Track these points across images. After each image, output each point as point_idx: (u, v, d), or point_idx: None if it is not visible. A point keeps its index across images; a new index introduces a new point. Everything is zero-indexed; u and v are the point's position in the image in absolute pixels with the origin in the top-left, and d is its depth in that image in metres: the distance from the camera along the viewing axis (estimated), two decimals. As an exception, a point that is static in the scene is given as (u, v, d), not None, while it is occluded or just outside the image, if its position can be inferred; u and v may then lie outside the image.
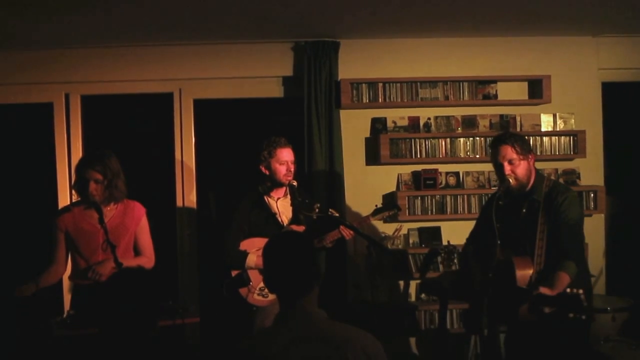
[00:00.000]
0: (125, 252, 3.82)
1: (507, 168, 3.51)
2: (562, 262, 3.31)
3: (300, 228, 4.04)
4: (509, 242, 3.52)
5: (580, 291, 2.88)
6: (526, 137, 4.91)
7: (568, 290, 2.91)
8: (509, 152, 3.51)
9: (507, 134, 3.68)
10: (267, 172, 4.06)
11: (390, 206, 4.46)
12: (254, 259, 3.91)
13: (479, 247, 3.76)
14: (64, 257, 3.87)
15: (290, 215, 4.14)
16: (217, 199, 5.46)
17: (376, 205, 4.45)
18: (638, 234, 5.50)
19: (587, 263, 3.57)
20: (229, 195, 4.19)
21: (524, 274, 3.35)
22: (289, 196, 4.10)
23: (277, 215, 4.09)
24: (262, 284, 3.90)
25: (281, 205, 4.13)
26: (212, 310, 4.59)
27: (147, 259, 3.95)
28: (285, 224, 4.08)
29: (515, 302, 3.24)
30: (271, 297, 3.91)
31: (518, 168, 3.51)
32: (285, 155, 4.04)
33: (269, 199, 4.12)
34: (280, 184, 4.07)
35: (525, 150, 3.55)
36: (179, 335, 3.53)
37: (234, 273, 3.97)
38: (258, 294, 3.94)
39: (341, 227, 4.08)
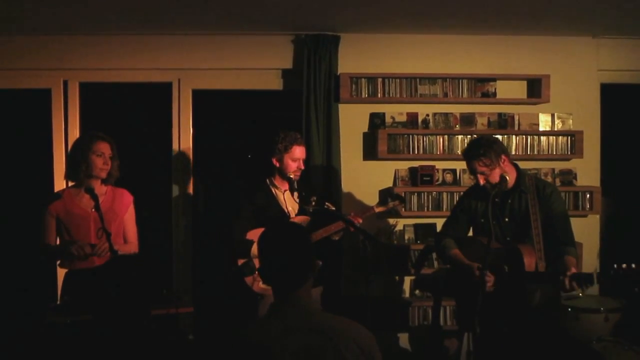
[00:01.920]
0: (115, 239, 3.82)
1: (481, 179, 3.70)
2: (564, 248, 3.57)
3: (306, 220, 4.07)
4: (500, 233, 3.75)
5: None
6: (523, 136, 4.97)
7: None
8: (478, 166, 3.67)
9: (473, 148, 3.74)
10: (278, 165, 4.10)
11: (394, 197, 4.46)
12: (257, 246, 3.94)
13: (460, 239, 3.95)
14: (54, 243, 3.87)
15: (296, 207, 4.17)
16: (209, 190, 5.47)
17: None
18: (632, 235, 5.51)
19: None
20: (223, 186, 4.20)
21: (530, 260, 3.55)
22: (294, 190, 4.15)
23: (285, 207, 4.13)
24: None
25: (288, 198, 4.17)
26: (206, 300, 4.59)
27: (133, 247, 3.99)
28: (292, 216, 4.13)
29: (529, 286, 3.55)
30: None
31: (491, 177, 3.69)
32: (299, 153, 4.08)
33: (277, 190, 4.16)
34: (287, 178, 4.10)
35: (494, 159, 3.66)
36: (173, 324, 3.54)
37: (240, 262, 3.98)
38: (263, 283, 3.96)
39: (348, 217, 4.11)
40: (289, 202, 4.17)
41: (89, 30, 5.02)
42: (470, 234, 4.06)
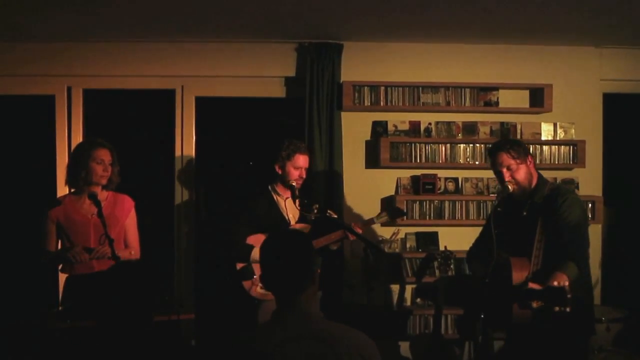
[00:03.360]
0: (116, 244, 3.82)
1: (507, 174, 3.53)
2: (562, 263, 3.26)
3: (306, 227, 4.09)
4: (509, 245, 3.51)
5: (566, 283, 2.91)
6: (526, 145, 4.96)
7: (555, 283, 2.93)
8: (505, 158, 3.53)
9: (502, 141, 3.71)
10: (280, 172, 4.12)
11: (397, 213, 4.49)
12: (259, 252, 3.95)
13: (481, 253, 3.77)
14: (54, 249, 3.88)
15: (297, 214, 4.19)
16: (210, 196, 5.47)
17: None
18: (634, 245, 5.51)
19: (589, 266, 3.51)
20: (225, 193, 4.22)
21: (520, 274, 3.33)
22: (296, 198, 4.17)
23: (285, 214, 4.15)
24: None
25: (289, 205, 4.19)
26: (207, 307, 4.59)
27: (134, 252, 3.99)
28: (292, 223, 4.15)
29: (509, 301, 3.24)
30: None
31: (517, 173, 3.53)
32: (302, 162, 4.10)
33: (278, 197, 4.18)
34: (289, 185, 4.12)
35: (522, 154, 3.57)
36: (174, 330, 3.54)
37: (239, 266, 4.00)
38: (261, 288, 3.97)
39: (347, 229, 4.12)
40: (290, 209, 4.19)
41: (93, 37, 5.04)
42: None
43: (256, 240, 4.01)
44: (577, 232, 3.41)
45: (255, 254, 3.96)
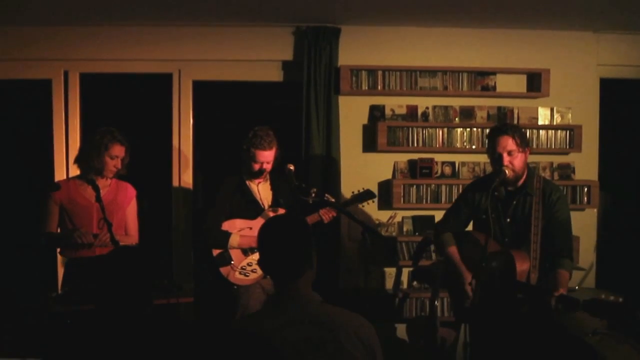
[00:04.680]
0: (117, 230, 3.87)
1: (507, 159, 3.51)
2: (560, 260, 3.41)
3: (281, 212, 4.11)
4: (500, 232, 3.58)
5: (620, 299, 2.99)
6: (523, 130, 4.97)
7: (612, 298, 3.00)
8: (510, 143, 3.51)
9: (507, 125, 3.68)
10: (246, 162, 4.12)
11: (366, 196, 4.45)
12: (237, 239, 4.00)
13: (458, 234, 3.84)
14: (55, 230, 3.90)
15: (270, 199, 4.21)
16: (207, 180, 5.48)
17: (352, 192, 4.46)
18: (629, 229, 5.55)
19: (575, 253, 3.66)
20: (221, 178, 4.23)
21: (522, 268, 3.40)
22: (269, 181, 4.21)
23: (258, 199, 4.16)
24: (243, 263, 4.00)
25: (262, 189, 4.20)
26: (205, 290, 4.62)
27: (133, 240, 4.06)
28: (265, 208, 4.14)
29: (517, 297, 3.35)
30: (253, 276, 4.00)
31: (516, 160, 3.52)
32: (262, 157, 4.06)
33: (250, 182, 4.18)
34: (255, 175, 4.12)
35: (524, 142, 3.57)
36: (173, 314, 3.57)
37: (215, 252, 4.01)
38: (240, 273, 4.00)
39: (321, 210, 4.13)
40: (263, 194, 4.19)
41: (90, 21, 5.02)
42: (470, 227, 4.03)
43: (230, 226, 4.04)
44: (567, 228, 3.55)
45: (234, 240, 3.98)
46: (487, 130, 3.84)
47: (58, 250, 4.03)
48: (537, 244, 3.46)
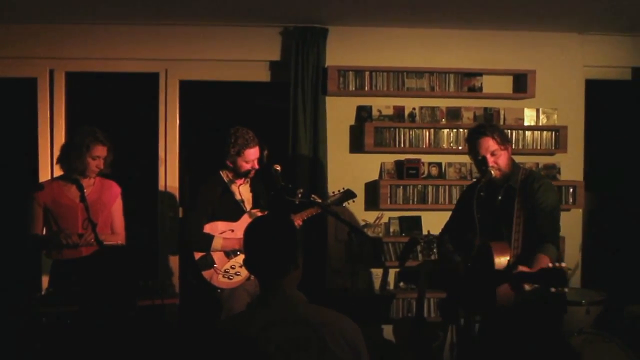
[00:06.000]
0: (102, 229, 3.84)
1: (491, 159, 3.51)
2: (542, 245, 3.32)
3: (262, 214, 4.09)
4: (487, 230, 3.53)
5: (564, 264, 2.90)
6: (508, 131, 5.00)
7: (550, 265, 2.94)
8: (491, 143, 3.50)
9: (484, 126, 3.67)
10: (231, 165, 4.07)
11: (347, 196, 4.41)
12: (220, 242, 3.96)
13: (456, 236, 3.80)
14: (40, 232, 3.87)
15: (251, 200, 4.20)
16: (193, 181, 5.45)
17: (333, 192, 4.45)
18: (614, 229, 5.59)
19: (560, 251, 3.58)
20: (209, 178, 4.20)
21: (502, 259, 3.32)
22: (249, 182, 4.18)
23: (240, 201, 4.13)
24: (227, 266, 3.97)
25: (243, 191, 4.17)
26: (191, 293, 4.60)
27: (120, 238, 4.01)
28: (247, 209, 4.12)
29: (493, 285, 3.24)
30: (236, 279, 3.98)
31: (500, 159, 3.52)
32: (252, 155, 4.04)
33: (232, 184, 4.15)
34: (243, 176, 4.10)
35: (505, 140, 3.57)
36: (158, 315, 3.55)
37: (197, 256, 3.99)
38: (223, 276, 3.97)
39: (293, 216, 4.10)
40: (245, 195, 4.17)
41: (76, 19, 4.98)
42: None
43: (213, 229, 4.00)
44: (553, 216, 3.46)
45: (217, 243, 3.95)
46: (471, 131, 3.80)
47: (44, 251, 3.99)
48: (520, 234, 3.43)
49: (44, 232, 3.90)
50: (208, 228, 3.99)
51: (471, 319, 3.94)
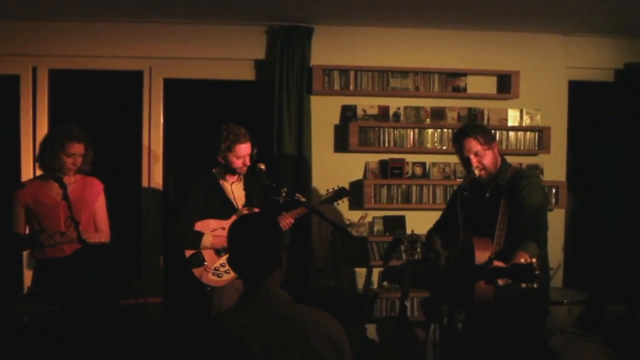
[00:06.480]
0: (86, 227, 3.81)
1: (474, 160, 3.54)
2: (524, 242, 3.30)
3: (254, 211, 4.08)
4: (473, 227, 3.54)
5: (534, 260, 2.92)
6: (492, 131, 5.01)
7: (522, 260, 2.95)
8: (474, 144, 3.53)
9: (468, 127, 3.69)
10: (223, 162, 4.07)
11: (342, 193, 4.41)
12: (209, 239, 3.96)
13: (444, 237, 3.82)
14: (23, 231, 3.84)
15: (243, 198, 4.18)
16: (178, 180, 5.44)
17: (327, 190, 4.45)
18: (596, 230, 5.63)
19: (546, 250, 3.58)
20: (192, 177, 4.18)
21: (483, 254, 3.33)
22: (242, 181, 4.17)
23: (232, 199, 4.13)
24: (217, 264, 3.96)
25: (235, 189, 4.16)
26: (174, 291, 4.58)
27: (104, 235, 3.97)
28: (239, 208, 4.12)
29: (472, 280, 3.26)
30: (226, 277, 3.97)
31: (485, 159, 3.54)
32: (244, 150, 4.03)
33: (224, 182, 4.14)
34: (234, 172, 4.09)
35: (489, 139, 3.58)
36: (141, 314, 3.53)
37: (187, 253, 3.98)
38: (213, 274, 3.97)
39: (279, 217, 4.09)
40: (236, 193, 4.16)
41: (59, 16, 4.94)
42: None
43: (204, 226, 4.00)
44: (537, 214, 3.46)
45: (206, 241, 3.95)
46: (456, 132, 3.82)
47: (27, 251, 3.95)
48: (503, 231, 3.43)
49: (27, 231, 3.86)
50: (200, 225, 3.99)
51: (454, 317, 3.97)
